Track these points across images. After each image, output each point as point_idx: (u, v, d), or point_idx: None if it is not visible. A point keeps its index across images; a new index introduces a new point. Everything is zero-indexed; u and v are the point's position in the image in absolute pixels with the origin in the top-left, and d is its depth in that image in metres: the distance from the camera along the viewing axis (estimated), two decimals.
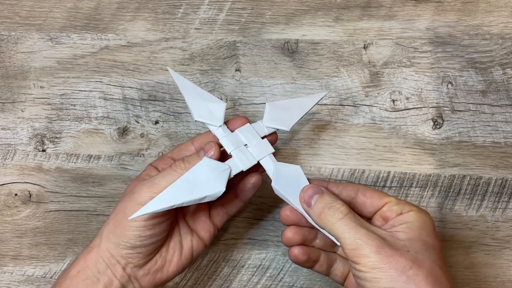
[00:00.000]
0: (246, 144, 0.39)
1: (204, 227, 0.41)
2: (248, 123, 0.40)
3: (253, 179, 0.41)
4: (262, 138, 0.40)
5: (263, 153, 0.39)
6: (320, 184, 0.38)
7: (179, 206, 0.35)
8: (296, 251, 0.39)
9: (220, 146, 0.39)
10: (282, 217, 0.39)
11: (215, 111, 0.39)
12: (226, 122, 0.40)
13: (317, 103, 0.42)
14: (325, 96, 0.41)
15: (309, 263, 0.39)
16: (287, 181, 0.38)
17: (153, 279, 0.38)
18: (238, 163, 0.38)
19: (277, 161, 0.40)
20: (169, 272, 0.39)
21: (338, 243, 0.34)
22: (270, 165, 0.39)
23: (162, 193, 0.35)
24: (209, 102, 0.39)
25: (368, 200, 0.37)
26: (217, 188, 0.36)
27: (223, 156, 0.39)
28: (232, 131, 0.40)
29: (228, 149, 0.39)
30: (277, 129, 0.41)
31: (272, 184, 0.38)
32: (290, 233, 0.39)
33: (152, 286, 0.39)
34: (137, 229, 0.36)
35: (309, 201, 0.36)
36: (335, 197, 0.36)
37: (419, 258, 0.32)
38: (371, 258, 0.31)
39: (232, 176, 0.37)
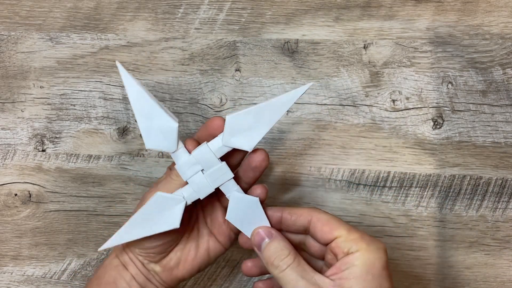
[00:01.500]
0: (203, 169, 0.36)
1: (220, 231, 0.41)
2: (205, 143, 0.36)
3: (258, 191, 0.38)
4: (222, 159, 0.36)
5: (220, 179, 0.36)
6: (275, 214, 0.37)
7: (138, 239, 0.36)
8: (261, 284, 0.40)
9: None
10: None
11: (168, 134, 0.35)
12: (203, 129, 0.38)
13: (291, 105, 0.36)
14: (302, 92, 0.35)
15: None
16: (242, 213, 0.37)
17: (170, 275, 0.40)
18: (194, 192, 0.36)
19: (262, 199, 0.38)
20: (184, 270, 0.40)
21: None
22: (229, 191, 0.37)
23: (121, 229, 0.37)
24: (160, 121, 0.35)
25: (318, 233, 0.35)
26: (172, 224, 0.36)
27: None
28: (194, 148, 0.37)
29: (184, 177, 0.36)
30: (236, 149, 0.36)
31: (226, 217, 0.37)
32: (250, 263, 0.40)
33: (172, 282, 0.40)
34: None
35: (259, 246, 0.37)
36: (283, 243, 0.36)
37: None
38: None
39: (189, 204, 0.36)
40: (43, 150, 0.50)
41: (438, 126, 0.48)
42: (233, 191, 0.37)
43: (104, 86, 0.50)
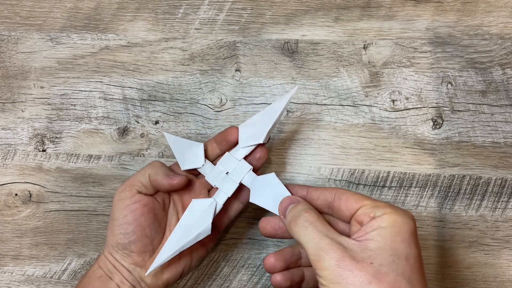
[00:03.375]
0: (227, 172, 0.41)
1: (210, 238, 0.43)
2: (227, 152, 0.42)
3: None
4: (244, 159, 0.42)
5: (241, 174, 0.41)
6: (300, 190, 0.38)
7: (180, 251, 0.39)
8: (278, 277, 0.38)
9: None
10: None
11: (196, 155, 0.42)
12: (220, 135, 0.42)
13: (286, 104, 0.40)
14: (293, 94, 0.40)
15: (295, 286, 0.39)
16: (264, 192, 0.39)
17: (156, 280, 0.40)
18: (223, 193, 0.41)
19: (259, 173, 0.42)
20: (169, 273, 0.41)
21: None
22: (249, 181, 0.41)
23: (166, 244, 0.39)
24: (190, 149, 0.42)
25: (343, 204, 0.35)
26: (204, 224, 0.39)
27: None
28: (220, 155, 0.43)
29: (212, 183, 0.42)
30: (253, 145, 0.41)
31: (250, 200, 0.40)
32: (273, 259, 0.38)
33: (157, 287, 0.41)
34: (121, 227, 0.39)
35: (284, 212, 0.36)
36: (307, 206, 0.35)
37: (382, 271, 0.29)
38: (331, 271, 0.30)
39: (221, 206, 0.41)
40: (44, 150, 0.50)
41: (437, 126, 0.48)
42: (252, 179, 0.41)
43: (105, 86, 0.50)
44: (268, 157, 0.43)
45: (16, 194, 0.50)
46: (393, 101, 0.49)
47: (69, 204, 0.50)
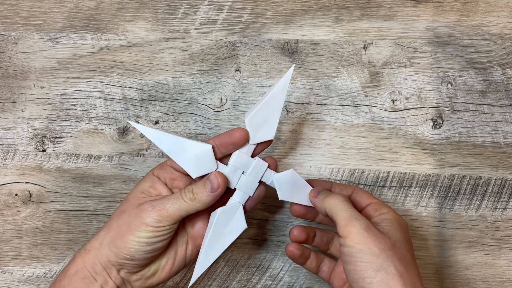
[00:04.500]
0: (243, 172, 0.41)
1: (200, 234, 0.42)
2: (238, 151, 0.41)
3: (257, 191, 0.42)
4: (253, 156, 0.41)
5: (260, 172, 0.41)
6: (326, 184, 0.44)
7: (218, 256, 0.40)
8: (292, 247, 0.43)
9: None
10: (294, 211, 0.44)
11: (205, 158, 0.40)
12: (226, 138, 0.40)
13: (287, 89, 0.40)
14: (290, 75, 0.40)
15: (301, 259, 0.43)
16: (289, 188, 0.42)
17: (144, 284, 0.40)
18: (245, 193, 0.41)
19: (274, 168, 0.42)
20: (160, 278, 0.41)
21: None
22: (270, 178, 0.42)
23: (202, 255, 0.39)
24: (194, 150, 0.39)
25: (357, 199, 0.42)
26: (241, 228, 0.40)
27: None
28: (227, 160, 0.41)
29: (232, 185, 0.41)
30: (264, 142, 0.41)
31: (279, 198, 0.41)
32: (297, 231, 0.43)
33: None
34: (139, 245, 0.38)
35: (316, 194, 0.41)
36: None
37: (397, 244, 0.37)
38: (359, 234, 0.36)
39: (244, 206, 0.41)
40: (44, 150, 0.50)
41: (437, 126, 0.48)
42: (272, 176, 0.42)
43: (105, 86, 0.50)
44: (277, 164, 0.43)
45: (16, 194, 0.50)
46: (393, 101, 0.49)
47: (69, 204, 0.50)
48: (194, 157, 0.39)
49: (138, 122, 0.50)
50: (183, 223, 0.42)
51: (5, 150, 0.51)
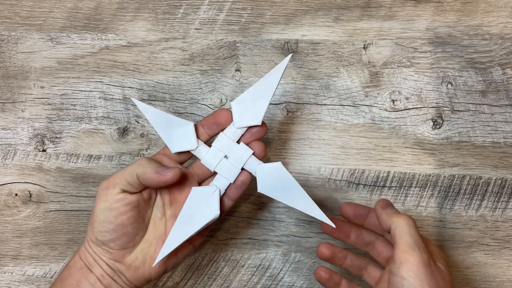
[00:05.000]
0: (226, 156, 0.40)
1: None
2: (221, 132, 0.40)
3: (241, 177, 0.40)
4: (238, 142, 0.40)
5: (243, 159, 0.40)
6: (364, 210, 0.42)
7: (186, 240, 0.38)
8: (320, 270, 0.42)
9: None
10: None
11: (186, 135, 0.40)
12: (209, 118, 0.40)
13: (281, 76, 0.39)
14: (286, 63, 0.39)
15: (330, 284, 0.42)
16: (272, 181, 0.39)
17: (136, 274, 0.40)
18: (224, 179, 0.40)
19: (261, 161, 0.40)
20: (151, 269, 0.40)
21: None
22: (254, 167, 0.40)
23: (170, 234, 0.38)
24: (178, 127, 0.39)
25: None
26: (213, 213, 0.38)
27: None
28: (213, 136, 0.40)
29: (211, 168, 0.40)
30: (250, 126, 0.40)
31: (258, 190, 0.39)
32: (323, 247, 0.42)
33: (138, 282, 0.40)
34: (100, 225, 0.38)
35: (385, 206, 0.39)
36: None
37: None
38: (417, 267, 0.33)
39: (223, 192, 0.40)
40: (44, 150, 0.50)
41: (437, 126, 0.48)
42: (257, 166, 0.39)
43: (105, 86, 0.50)
44: (265, 153, 0.41)
45: (16, 194, 0.50)
46: (393, 101, 0.49)
47: (69, 204, 0.50)
48: (176, 133, 0.39)
49: (138, 122, 0.50)
50: (175, 215, 0.41)
51: (5, 150, 0.51)
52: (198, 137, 0.40)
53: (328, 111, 0.49)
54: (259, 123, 0.39)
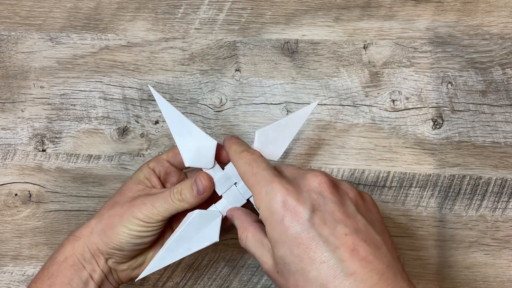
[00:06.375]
0: (236, 182, 0.40)
1: None
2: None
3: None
4: None
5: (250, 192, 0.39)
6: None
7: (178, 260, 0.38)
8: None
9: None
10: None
11: (205, 152, 0.38)
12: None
13: (305, 120, 0.40)
14: (314, 108, 0.40)
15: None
16: None
17: (130, 274, 0.41)
18: (229, 205, 0.39)
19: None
20: (141, 269, 0.41)
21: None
22: None
23: (162, 252, 0.38)
24: (198, 140, 0.38)
25: None
26: (212, 239, 0.38)
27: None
28: (223, 165, 0.40)
29: (219, 192, 0.40)
30: None
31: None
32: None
33: (128, 280, 0.41)
34: (129, 237, 0.38)
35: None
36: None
37: None
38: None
39: (223, 217, 0.39)
40: (43, 150, 0.50)
41: (437, 126, 0.48)
42: None
43: (104, 86, 0.50)
44: None
45: (16, 194, 0.50)
46: (393, 101, 0.49)
47: (69, 204, 0.50)
48: (195, 146, 0.38)
49: (138, 122, 0.50)
50: (170, 220, 0.42)
51: (5, 150, 0.51)
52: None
53: (328, 111, 0.49)
54: (276, 160, 0.40)
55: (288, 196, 0.32)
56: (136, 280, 0.38)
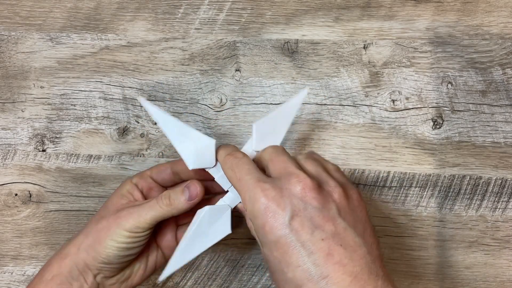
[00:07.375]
0: None
1: (169, 246, 0.43)
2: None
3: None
4: None
5: None
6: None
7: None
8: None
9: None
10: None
11: (206, 152, 0.39)
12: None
13: (299, 107, 0.41)
14: (304, 96, 0.40)
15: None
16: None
17: (118, 286, 0.41)
18: (235, 197, 0.40)
19: None
20: (133, 282, 0.42)
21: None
22: None
23: (179, 251, 0.38)
24: (197, 142, 0.39)
25: None
26: (225, 231, 0.39)
27: (207, 189, 0.41)
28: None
29: (225, 187, 0.40)
30: None
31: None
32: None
33: None
34: (117, 249, 0.38)
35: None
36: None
37: None
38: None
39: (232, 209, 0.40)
40: (44, 150, 0.50)
41: (437, 126, 0.48)
42: None
43: (104, 86, 0.50)
44: None
45: (16, 194, 0.50)
46: (393, 101, 0.49)
47: (69, 204, 0.50)
48: (195, 148, 0.39)
49: (138, 122, 0.50)
50: (155, 233, 0.42)
51: (5, 150, 0.51)
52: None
53: (328, 111, 0.49)
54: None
55: (270, 202, 0.33)
56: (160, 279, 0.38)
